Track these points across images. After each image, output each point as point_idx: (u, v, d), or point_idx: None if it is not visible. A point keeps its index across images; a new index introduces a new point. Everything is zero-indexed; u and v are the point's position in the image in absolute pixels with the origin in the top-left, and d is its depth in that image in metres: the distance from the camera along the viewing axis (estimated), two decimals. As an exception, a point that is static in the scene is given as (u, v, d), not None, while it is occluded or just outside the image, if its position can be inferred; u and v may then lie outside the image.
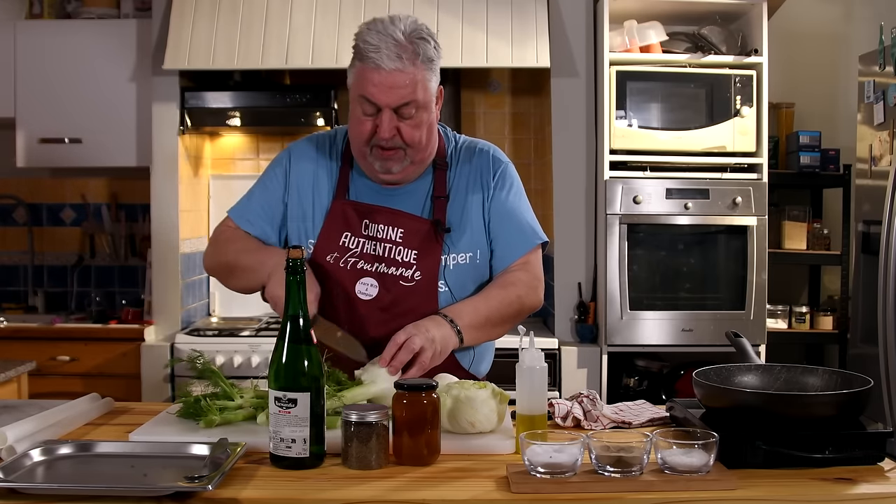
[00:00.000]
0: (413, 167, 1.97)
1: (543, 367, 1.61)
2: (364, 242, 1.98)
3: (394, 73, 1.84)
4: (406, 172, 1.97)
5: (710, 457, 1.41)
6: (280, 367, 1.47)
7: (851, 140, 3.43)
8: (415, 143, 1.91)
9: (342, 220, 1.99)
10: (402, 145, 1.91)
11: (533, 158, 4.23)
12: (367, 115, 1.90)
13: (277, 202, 2.04)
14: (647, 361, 3.59)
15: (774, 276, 3.62)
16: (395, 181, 1.98)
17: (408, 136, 1.90)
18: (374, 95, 1.86)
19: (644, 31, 3.59)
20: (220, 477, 1.35)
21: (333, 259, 1.98)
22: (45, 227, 4.35)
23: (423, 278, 1.96)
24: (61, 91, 3.89)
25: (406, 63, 1.85)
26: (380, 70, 1.84)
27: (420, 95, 1.88)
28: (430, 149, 1.99)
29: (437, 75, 1.94)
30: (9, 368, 2.96)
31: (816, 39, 4.16)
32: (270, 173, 2.08)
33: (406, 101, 1.87)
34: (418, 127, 1.91)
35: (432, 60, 1.90)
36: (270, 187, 2.05)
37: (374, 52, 1.85)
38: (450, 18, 3.61)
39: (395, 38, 1.85)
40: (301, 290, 1.50)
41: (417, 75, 1.87)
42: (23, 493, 1.33)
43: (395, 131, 1.89)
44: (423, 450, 1.50)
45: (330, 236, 1.99)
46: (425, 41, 1.89)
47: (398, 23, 1.88)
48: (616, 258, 3.47)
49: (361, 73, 1.88)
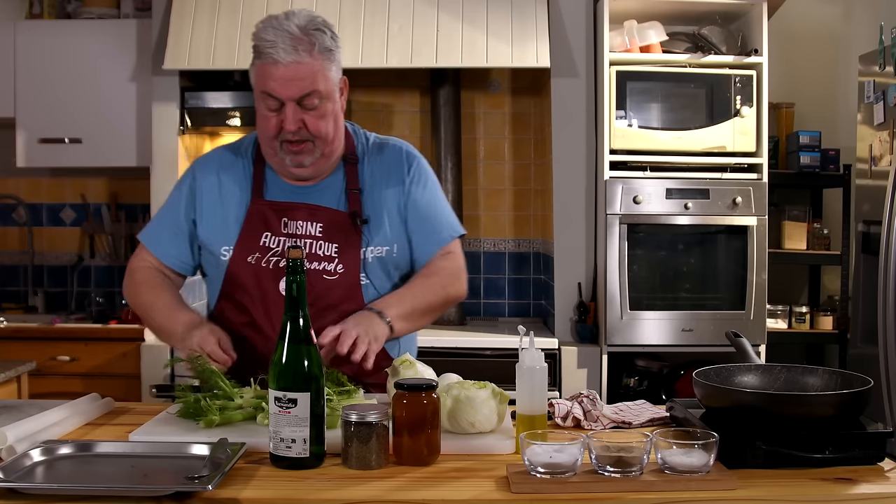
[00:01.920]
0: (324, 160, 1.99)
1: (543, 368, 1.61)
2: (284, 241, 2.00)
3: (292, 66, 1.87)
4: (318, 166, 1.99)
5: (710, 457, 1.41)
6: (280, 367, 1.47)
7: (851, 140, 3.43)
8: (322, 133, 1.94)
9: (261, 221, 2.01)
10: (310, 137, 1.93)
11: (533, 158, 4.24)
12: (271, 110, 1.92)
13: (185, 222, 2.06)
14: (647, 361, 3.59)
15: (774, 276, 3.62)
16: (308, 175, 2.01)
17: (313, 128, 1.92)
18: (275, 90, 1.88)
19: (644, 31, 3.59)
20: (220, 477, 1.35)
21: (255, 259, 1.99)
22: (44, 227, 4.35)
23: (346, 271, 1.99)
24: (61, 91, 3.89)
25: (303, 54, 1.87)
26: (278, 64, 1.87)
27: (321, 86, 1.90)
28: (339, 140, 2.02)
29: (337, 66, 1.96)
30: (9, 368, 2.96)
31: (816, 39, 4.16)
32: (176, 193, 2.10)
33: (307, 91, 1.89)
34: (323, 118, 1.93)
35: (330, 51, 1.92)
36: (176, 207, 2.07)
37: (270, 47, 1.87)
38: (450, 18, 3.61)
39: (290, 31, 1.87)
40: (301, 291, 1.50)
41: (316, 66, 1.89)
42: (23, 493, 1.33)
43: (300, 123, 1.91)
44: (423, 450, 1.50)
45: (250, 238, 2.00)
46: (321, 32, 1.91)
47: (293, 17, 1.90)
48: (616, 258, 3.47)
49: (261, 70, 1.90)
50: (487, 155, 4.25)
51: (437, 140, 3.96)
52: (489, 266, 4.25)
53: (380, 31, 3.60)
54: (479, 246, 4.25)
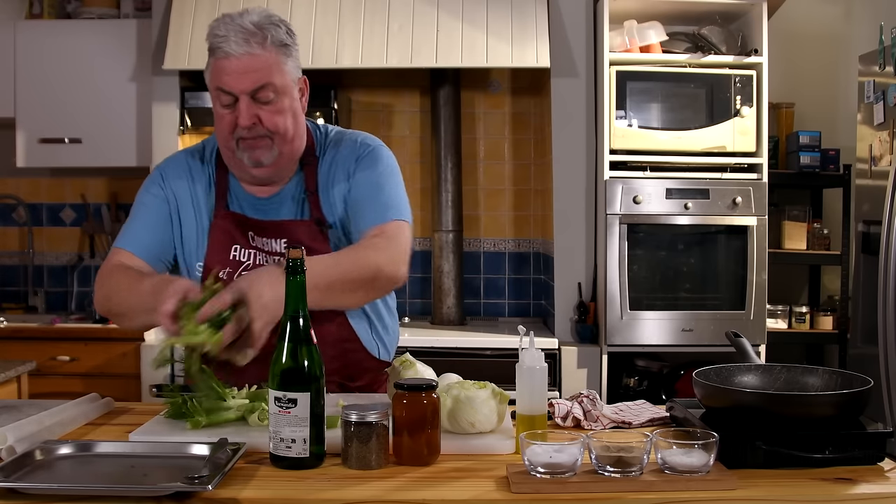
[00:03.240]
0: (283, 159, 1.90)
1: (544, 367, 1.61)
2: (255, 254, 1.93)
3: (243, 58, 1.81)
4: (277, 165, 1.90)
5: (710, 457, 1.41)
6: (280, 367, 1.47)
7: (851, 140, 3.43)
8: (279, 129, 1.86)
9: (229, 234, 1.93)
10: (266, 133, 1.85)
11: (533, 158, 4.24)
12: (225, 106, 1.85)
13: (165, 222, 1.96)
14: (647, 361, 3.59)
15: (774, 276, 3.62)
16: (267, 176, 1.91)
17: (269, 123, 1.85)
18: (228, 83, 1.82)
19: (644, 31, 3.59)
20: (220, 477, 1.34)
21: (227, 274, 1.91)
22: (44, 227, 4.35)
23: None
24: (61, 91, 3.89)
25: (255, 46, 1.81)
26: (229, 57, 1.81)
27: (276, 79, 1.84)
28: (299, 139, 1.93)
29: (294, 61, 1.90)
30: (9, 368, 2.96)
31: (816, 39, 4.16)
32: (148, 196, 1.98)
33: (260, 84, 1.82)
34: (280, 113, 1.86)
35: (286, 45, 1.86)
36: (154, 209, 1.96)
37: (222, 41, 1.81)
38: (450, 18, 3.61)
39: (242, 25, 1.82)
40: (301, 291, 1.50)
41: (269, 58, 1.83)
42: (23, 493, 1.33)
43: (255, 118, 1.84)
44: (423, 450, 1.50)
45: (219, 251, 1.93)
46: (276, 26, 1.85)
47: (247, 14, 1.85)
48: (616, 258, 3.47)
49: (214, 66, 1.85)
50: (487, 155, 4.25)
51: (437, 140, 3.96)
52: (489, 266, 4.25)
53: (380, 30, 3.60)
54: (479, 246, 4.25)
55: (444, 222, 3.94)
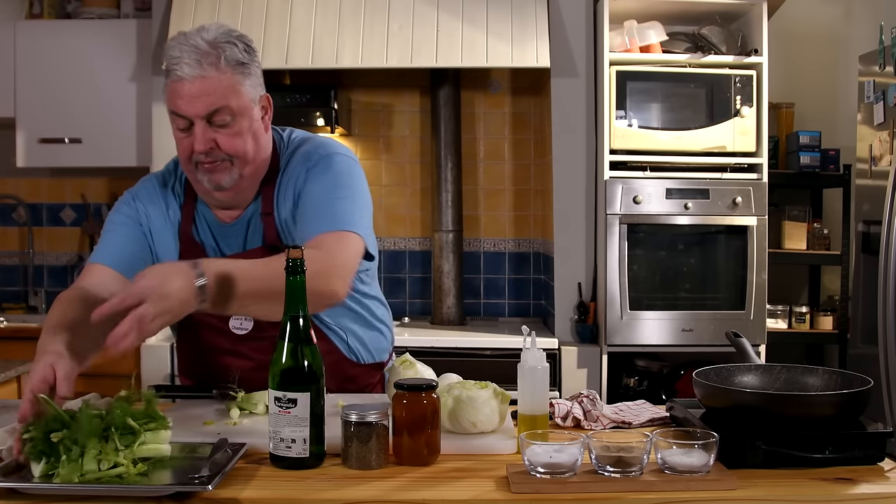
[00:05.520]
0: (245, 181, 1.82)
1: (545, 367, 1.61)
2: None
3: (196, 81, 1.73)
4: (238, 188, 1.83)
5: (710, 457, 1.41)
6: (280, 367, 1.47)
7: (851, 140, 3.43)
8: (238, 153, 1.78)
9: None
10: (225, 157, 1.78)
11: (533, 158, 4.24)
12: (181, 130, 1.78)
13: (138, 239, 1.89)
14: (647, 361, 3.59)
15: (774, 276, 3.62)
16: (228, 200, 1.84)
17: (227, 147, 1.77)
18: (181, 108, 1.75)
19: (644, 31, 3.59)
20: (220, 477, 1.35)
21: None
22: (44, 226, 4.35)
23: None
24: (61, 91, 3.89)
25: (208, 68, 1.73)
26: (182, 81, 1.73)
27: (233, 101, 1.75)
28: (261, 160, 1.85)
29: (253, 80, 1.81)
30: (9, 368, 2.96)
31: (816, 39, 4.16)
32: (118, 216, 1.91)
33: (215, 107, 1.74)
34: (239, 135, 1.78)
35: (243, 64, 1.78)
36: (125, 226, 1.89)
37: (175, 63, 1.74)
38: (450, 18, 3.61)
39: (196, 45, 1.74)
40: (301, 291, 1.50)
41: (224, 80, 1.74)
42: (23, 493, 1.33)
43: (211, 143, 1.76)
44: (423, 450, 1.50)
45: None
46: (232, 45, 1.77)
47: (203, 32, 1.77)
48: (616, 258, 3.47)
49: (169, 89, 1.77)
50: (487, 155, 4.25)
51: (437, 140, 3.96)
52: (489, 266, 4.25)
53: (380, 30, 3.60)
54: (479, 246, 4.25)
55: (444, 222, 3.94)
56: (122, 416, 1.41)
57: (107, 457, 1.35)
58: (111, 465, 1.36)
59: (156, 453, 1.43)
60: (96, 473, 1.35)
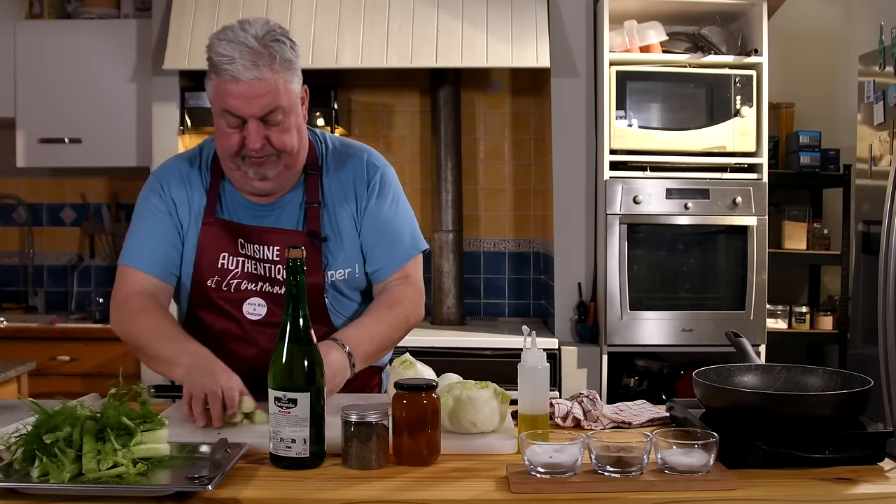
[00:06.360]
0: (287, 172, 1.89)
1: (546, 368, 1.61)
2: (244, 262, 1.91)
3: (253, 83, 1.77)
4: (281, 179, 1.89)
5: (710, 457, 1.41)
6: (280, 367, 1.47)
7: (851, 140, 3.43)
8: (287, 148, 1.85)
9: (216, 242, 1.91)
10: (275, 152, 1.84)
11: (533, 158, 4.24)
12: (232, 127, 1.82)
13: (169, 233, 1.93)
14: (647, 361, 3.59)
15: (774, 276, 3.62)
16: (270, 190, 1.91)
17: (278, 143, 1.83)
18: (237, 108, 1.79)
19: (644, 31, 3.60)
20: (220, 477, 1.34)
21: (215, 283, 1.91)
22: (44, 227, 4.35)
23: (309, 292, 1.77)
24: (61, 91, 3.90)
25: (263, 70, 1.77)
26: (238, 81, 1.76)
27: (284, 101, 1.81)
28: (303, 152, 1.92)
29: (298, 76, 1.87)
30: (9, 368, 2.96)
31: (816, 39, 4.16)
32: (149, 206, 1.95)
33: (270, 108, 1.80)
34: (288, 132, 1.84)
35: (291, 61, 1.83)
36: (157, 222, 1.93)
37: (228, 63, 1.76)
38: (450, 18, 3.61)
39: (248, 44, 1.77)
40: (301, 291, 1.50)
41: (278, 80, 1.79)
42: (23, 493, 1.33)
43: (264, 140, 1.82)
44: (423, 450, 1.50)
45: (207, 260, 1.91)
46: (280, 42, 1.81)
47: (249, 28, 1.80)
48: (616, 258, 3.47)
49: (220, 87, 1.80)
50: (487, 155, 4.25)
51: (437, 140, 3.96)
52: (489, 266, 4.25)
53: (380, 30, 3.60)
54: (479, 246, 4.25)
55: (444, 222, 3.94)
56: (117, 416, 1.40)
57: (106, 457, 1.36)
58: (110, 465, 1.36)
59: (154, 453, 1.43)
60: (96, 473, 1.35)
